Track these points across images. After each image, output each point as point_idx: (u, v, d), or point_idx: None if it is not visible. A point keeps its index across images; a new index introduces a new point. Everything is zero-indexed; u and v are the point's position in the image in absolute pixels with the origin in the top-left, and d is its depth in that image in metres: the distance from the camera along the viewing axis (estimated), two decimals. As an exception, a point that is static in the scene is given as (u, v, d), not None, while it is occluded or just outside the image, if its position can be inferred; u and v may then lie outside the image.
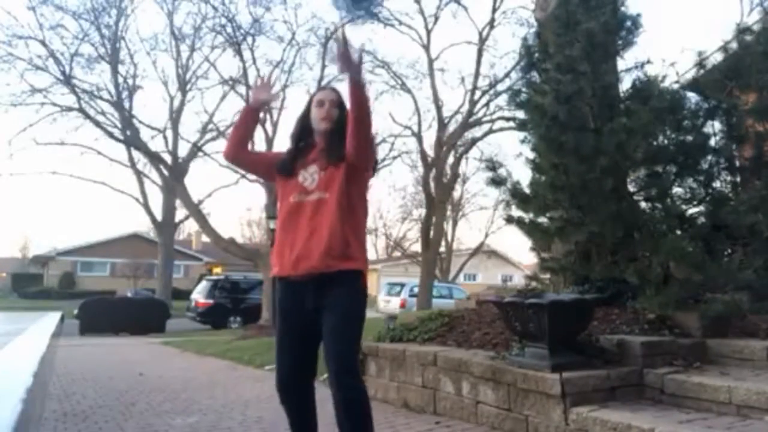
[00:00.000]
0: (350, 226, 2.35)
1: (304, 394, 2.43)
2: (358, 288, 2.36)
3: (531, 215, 4.88)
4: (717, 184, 4.50)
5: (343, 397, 2.21)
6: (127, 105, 19.85)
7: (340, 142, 2.40)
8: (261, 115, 2.52)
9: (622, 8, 4.70)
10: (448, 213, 27.91)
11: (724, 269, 3.90)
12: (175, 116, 22.91)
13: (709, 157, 4.40)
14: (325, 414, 2.44)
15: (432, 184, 18.29)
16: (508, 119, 16.60)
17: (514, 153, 4.97)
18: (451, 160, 19.76)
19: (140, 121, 20.30)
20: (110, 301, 18.24)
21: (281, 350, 2.44)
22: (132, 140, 19.39)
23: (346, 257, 2.31)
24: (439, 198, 18.11)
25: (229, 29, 17.71)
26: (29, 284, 39.00)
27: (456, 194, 29.09)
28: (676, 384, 3.12)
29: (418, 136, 19.34)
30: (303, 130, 2.53)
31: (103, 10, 19.30)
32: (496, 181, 4.89)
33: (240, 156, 2.58)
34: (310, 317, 2.33)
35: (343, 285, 2.30)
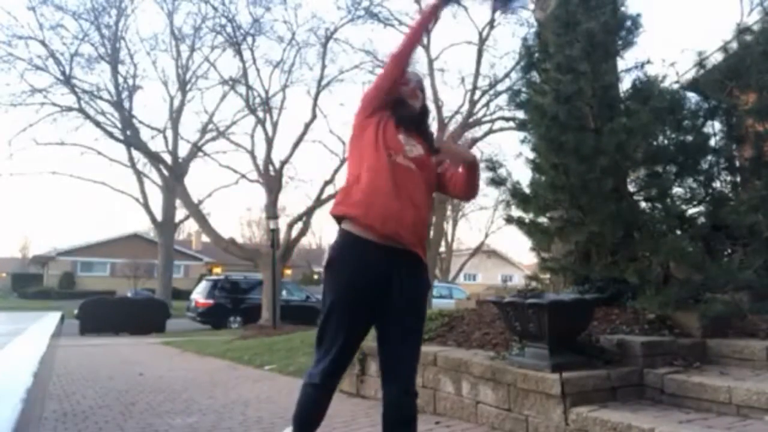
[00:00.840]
0: (427, 218, 2.29)
1: (336, 385, 2.24)
2: (427, 281, 2.28)
3: (531, 215, 4.88)
4: (717, 184, 4.50)
5: (404, 415, 2.16)
6: (127, 105, 19.85)
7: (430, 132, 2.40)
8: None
9: (622, 8, 4.70)
10: (448, 213, 27.93)
11: (724, 269, 3.89)
12: (175, 116, 22.92)
13: (709, 157, 4.40)
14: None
15: (432, 184, 18.25)
16: (508, 119, 16.64)
17: (514, 153, 4.96)
18: (451, 160, 19.71)
19: (140, 121, 20.31)
20: (110, 301, 18.21)
21: (343, 330, 2.11)
22: (132, 140, 19.39)
23: (423, 245, 2.20)
24: (439, 198, 18.11)
25: (229, 29, 17.73)
26: (29, 284, 39.01)
27: (456, 194, 29.03)
28: (676, 384, 3.12)
29: (419, 136, 19.29)
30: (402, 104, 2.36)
31: (103, 10, 19.32)
32: (496, 181, 4.88)
33: (406, 66, 2.33)
34: (378, 293, 2.10)
35: (419, 278, 2.19)
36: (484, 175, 5.01)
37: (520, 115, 5.45)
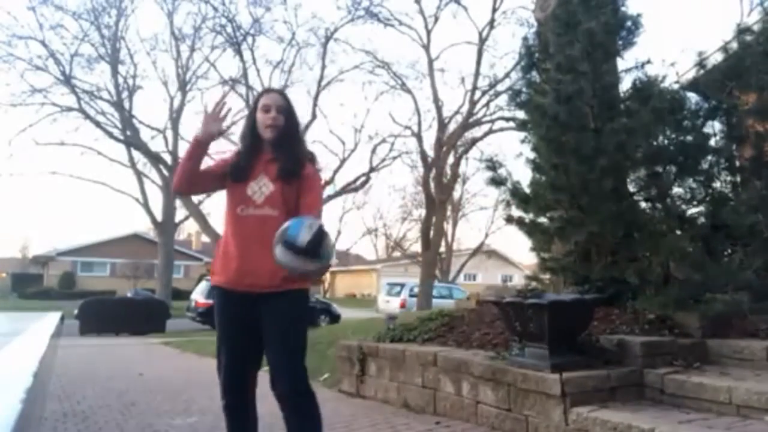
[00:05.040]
0: None
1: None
2: (302, 301, 2.42)
3: (531, 215, 4.88)
4: (717, 184, 4.50)
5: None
6: (127, 105, 19.87)
7: (291, 155, 2.36)
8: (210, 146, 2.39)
9: (623, 8, 4.71)
10: (448, 213, 27.93)
11: (724, 269, 3.89)
12: (175, 116, 22.91)
13: (709, 157, 4.40)
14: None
15: (432, 185, 18.30)
16: (508, 119, 16.63)
17: (514, 153, 4.95)
18: (451, 160, 19.78)
19: (140, 121, 20.38)
20: (110, 301, 18.21)
21: (222, 351, 2.42)
22: (132, 140, 19.41)
23: (291, 279, 2.24)
24: (439, 198, 18.11)
25: (229, 29, 17.79)
26: (29, 284, 38.97)
27: (456, 194, 29.14)
28: (676, 384, 3.12)
29: (418, 136, 19.36)
30: (252, 132, 2.41)
31: (103, 11, 19.37)
32: (496, 181, 4.88)
33: (191, 190, 2.57)
34: (250, 324, 2.33)
35: (287, 299, 2.31)
36: (485, 175, 5.02)
37: (520, 115, 5.45)
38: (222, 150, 2.54)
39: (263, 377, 2.36)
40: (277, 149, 2.37)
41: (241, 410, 2.44)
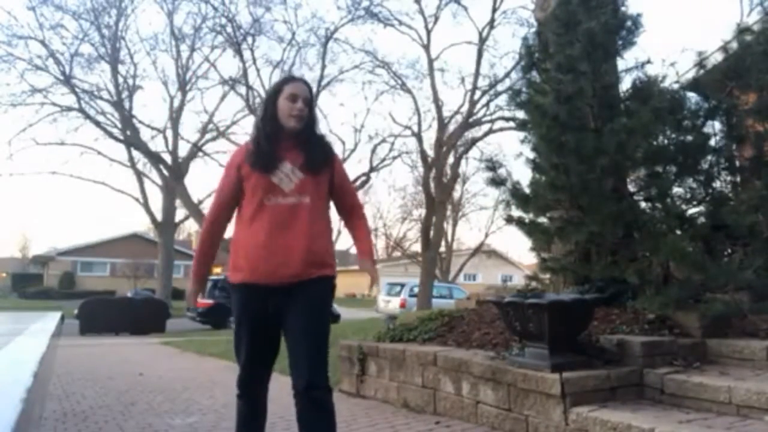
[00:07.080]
0: (327, 233, 2.37)
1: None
2: (329, 290, 2.36)
3: (531, 215, 4.88)
4: (717, 184, 4.50)
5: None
6: (127, 105, 19.87)
7: (318, 145, 2.37)
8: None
9: (623, 8, 4.70)
10: (448, 213, 27.95)
11: (724, 269, 3.89)
12: (175, 116, 22.91)
13: (709, 157, 4.40)
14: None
15: (432, 184, 18.31)
16: (508, 119, 16.65)
17: (514, 153, 4.95)
18: (451, 160, 19.80)
19: (140, 121, 20.37)
20: (110, 301, 18.19)
21: (242, 347, 2.41)
22: (132, 140, 19.41)
23: (324, 264, 2.30)
24: (439, 198, 18.11)
25: (229, 29, 17.79)
26: (29, 284, 39.01)
27: (456, 194, 29.17)
28: (676, 384, 3.12)
29: (418, 136, 19.38)
30: (273, 119, 2.34)
31: (103, 10, 19.37)
32: (496, 181, 4.88)
33: (220, 241, 2.50)
34: (272, 319, 2.30)
35: (316, 288, 2.28)
36: (485, 175, 5.02)
37: (520, 115, 5.45)
38: (224, 174, 2.42)
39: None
40: (302, 139, 2.34)
41: (255, 401, 2.48)
